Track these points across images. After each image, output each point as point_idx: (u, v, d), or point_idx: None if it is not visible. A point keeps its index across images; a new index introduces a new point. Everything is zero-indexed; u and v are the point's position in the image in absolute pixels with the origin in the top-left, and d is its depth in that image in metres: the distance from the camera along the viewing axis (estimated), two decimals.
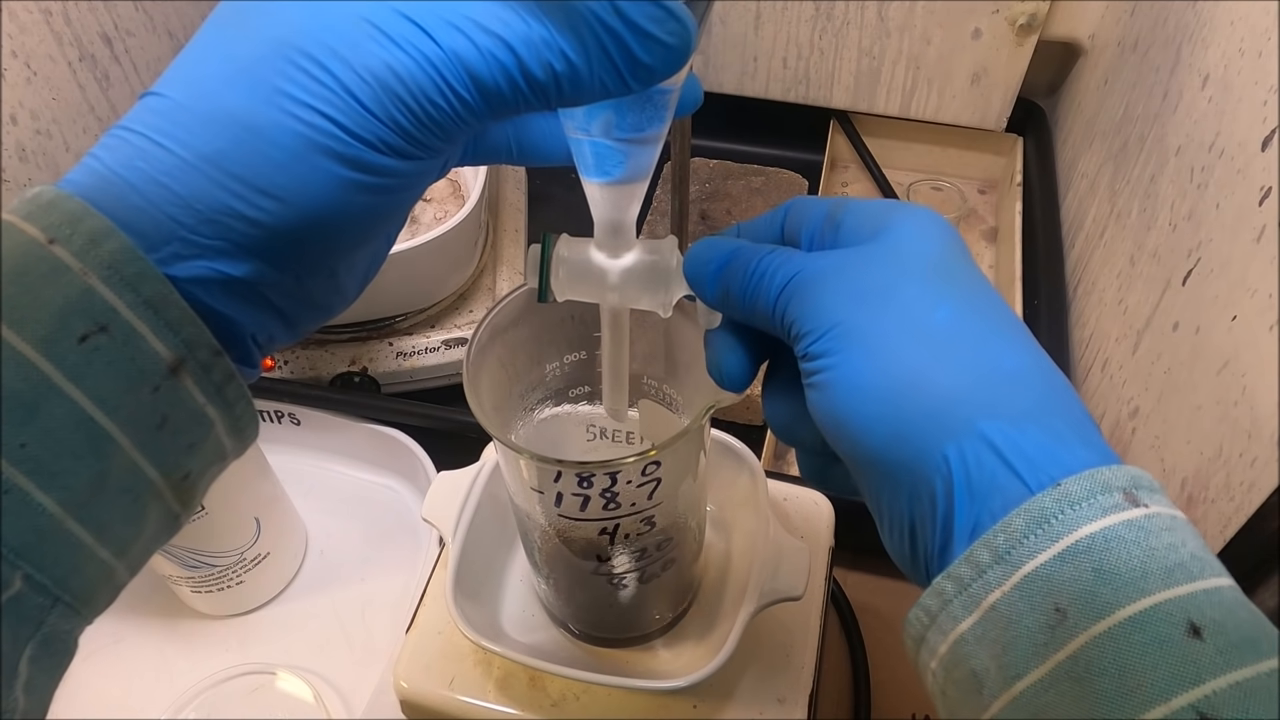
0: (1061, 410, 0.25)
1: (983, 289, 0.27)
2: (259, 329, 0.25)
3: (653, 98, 0.25)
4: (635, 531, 0.37)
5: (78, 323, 0.21)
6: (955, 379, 0.25)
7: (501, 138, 0.30)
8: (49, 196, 0.22)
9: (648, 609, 0.44)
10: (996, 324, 0.26)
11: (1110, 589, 0.21)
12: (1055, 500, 0.23)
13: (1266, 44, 0.42)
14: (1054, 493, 0.23)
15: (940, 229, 0.28)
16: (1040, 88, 0.85)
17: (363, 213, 0.24)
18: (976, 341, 0.26)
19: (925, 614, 0.25)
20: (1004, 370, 0.25)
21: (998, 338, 0.26)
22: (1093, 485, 0.23)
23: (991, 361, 0.25)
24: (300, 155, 0.22)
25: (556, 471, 0.34)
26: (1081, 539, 0.22)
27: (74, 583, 0.23)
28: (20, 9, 0.58)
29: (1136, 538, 0.22)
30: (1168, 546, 0.22)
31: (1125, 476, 0.23)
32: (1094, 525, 0.22)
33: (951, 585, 0.24)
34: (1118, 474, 0.23)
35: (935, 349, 0.25)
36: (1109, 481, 0.23)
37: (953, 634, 0.24)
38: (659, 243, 0.31)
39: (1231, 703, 0.20)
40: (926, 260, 0.27)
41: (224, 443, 0.25)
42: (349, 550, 0.65)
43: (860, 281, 0.27)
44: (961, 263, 0.28)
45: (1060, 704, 0.22)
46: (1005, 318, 0.27)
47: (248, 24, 0.23)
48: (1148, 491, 0.23)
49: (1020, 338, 0.26)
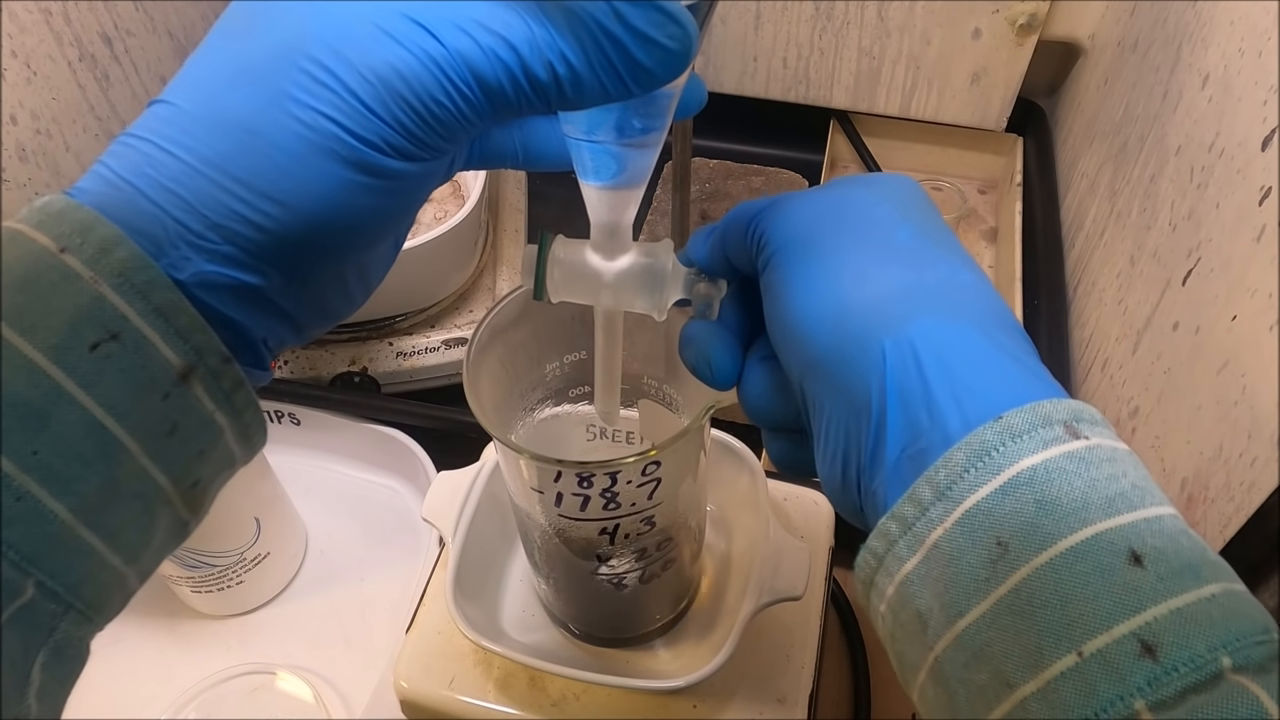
0: (1007, 327, 0.25)
1: (948, 232, 0.28)
2: (268, 333, 0.25)
3: (653, 101, 0.25)
4: (635, 531, 0.37)
5: (89, 331, 0.21)
6: (904, 280, 0.26)
7: (506, 142, 0.30)
8: (59, 205, 0.22)
9: (648, 609, 0.44)
10: (956, 253, 0.27)
11: (1051, 520, 0.21)
12: (996, 433, 0.23)
13: (1266, 44, 0.42)
14: (995, 426, 0.23)
15: (911, 186, 0.29)
16: (1040, 88, 0.85)
17: (368, 215, 0.24)
18: (934, 259, 0.26)
19: (872, 556, 0.25)
20: (956, 283, 0.26)
21: (954, 259, 0.27)
22: (1034, 418, 0.23)
23: (945, 274, 0.26)
24: (304, 159, 0.22)
25: (556, 471, 0.34)
26: (1023, 471, 0.22)
27: (85, 589, 0.23)
28: (20, 9, 0.58)
29: (1078, 469, 0.22)
30: (1109, 477, 0.22)
31: (1066, 410, 0.23)
32: (1035, 458, 0.22)
33: (896, 525, 0.24)
34: (1059, 407, 0.23)
35: (890, 256, 0.26)
36: (1050, 414, 0.23)
37: (898, 575, 0.24)
38: (655, 245, 0.31)
39: (1172, 629, 0.20)
40: (898, 195, 0.28)
41: (233, 449, 0.25)
42: (349, 550, 0.65)
43: (829, 200, 0.28)
44: (930, 211, 0.29)
45: (1003, 639, 0.21)
46: (965, 254, 0.28)
47: (252, 29, 0.23)
48: (1089, 424, 0.23)
49: (977, 269, 0.27)
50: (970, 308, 0.25)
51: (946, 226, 0.29)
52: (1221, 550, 0.36)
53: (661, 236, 0.31)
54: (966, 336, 0.25)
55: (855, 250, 0.26)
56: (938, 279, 0.26)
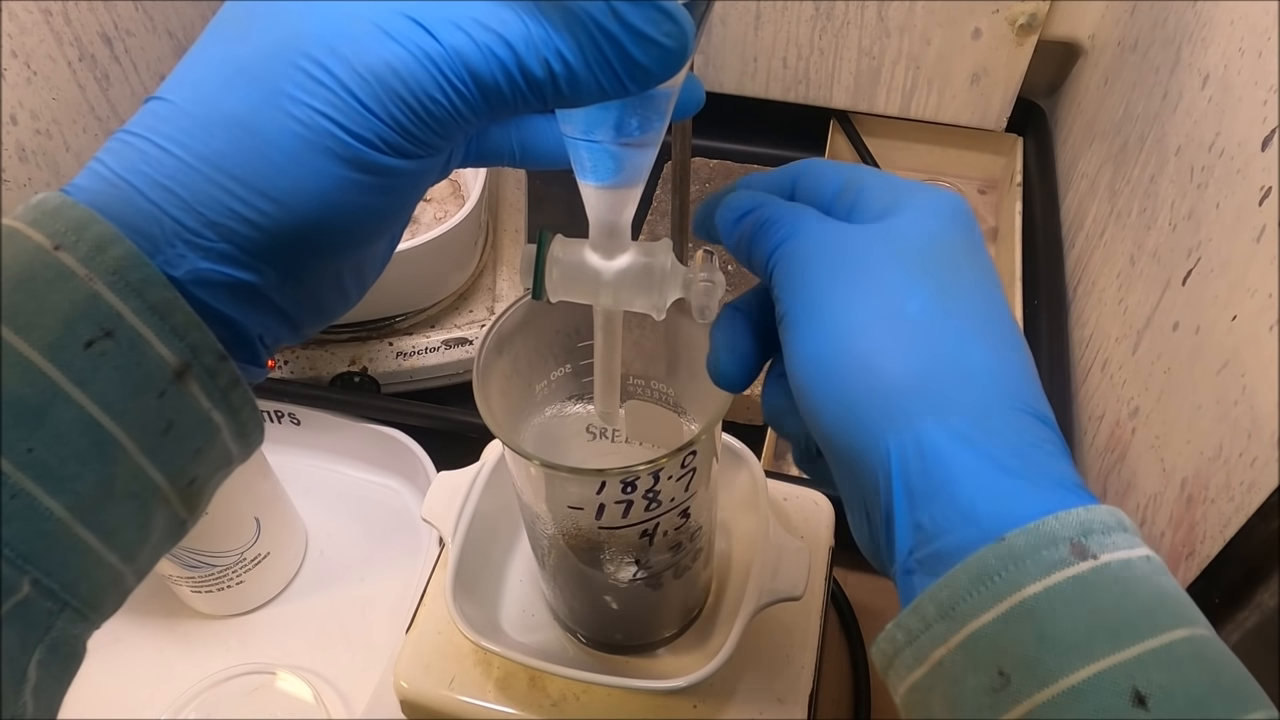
0: (1022, 413, 0.24)
1: (973, 282, 0.27)
2: (265, 331, 0.25)
3: (650, 100, 0.25)
4: (673, 527, 0.37)
5: (84, 328, 0.21)
6: (907, 368, 0.25)
7: (504, 139, 0.30)
8: (54, 203, 0.22)
9: (667, 613, 0.44)
10: (971, 319, 0.26)
11: (1053, 655, 0.21)
12: (998, 557, 0.22)
13: (1266, 44, 0.42)
14: (997, 549, 0.22)
15: (949, 214, 0.28)
16: (1040, 88, 0.85)
17: (364, 213, 0.24)
18: (941, 334, 0.25)
19: (882, 656, 0.25)
20: (966, 367, 0.25)
21: (967, 334, 0.25)
22: (1037, 539, 0.22)
23: (951, 356, 0.25)
24: (299, 156, 0.22)
25: (600, 482, 0.34)
26: (1025, 599, 0.22)
27: (82, 587, 0.23)
28: (20, 9, 0.58)
29: (1082, 596, 0.21)
30: (1116, 602, 0.21)
31: (1074, 525, 0.22)
32: (1037, 585, 0.22)
33: (901, 635, 0.24)
34: (1066, 522, 0.22)
35: (897, 335, 0.25)
36: (1055, 533, 0.22)
37: (906, 681, 0.24)
38: (654, 245, 0.31)
39: None
40: (919, 246, 0.27)
41: (230, 448, 0.25)
42: (349, 550, 0.65)
43: (845, 259, 0.27)
44: (961, 252, 0.27)
45: None
46: (986, 314, 0.26)
47: (248, 27, 0.23)
48: (1100, 536, 0.22)
49: (996, 336, 0.26)
50: (979, 399, 0.24)
51: (979, 263, 0.27)
52: (1221, 550, 0.36)
53: (661, 236, 0.31)
54: (971, 441, 0.24)
55: (864, 330, 0.25)
56: (946, 363, 0.25)
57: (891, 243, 0.27)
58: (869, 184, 0.29)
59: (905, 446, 0.24)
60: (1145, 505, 0.45)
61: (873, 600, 0.58)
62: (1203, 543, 0.37)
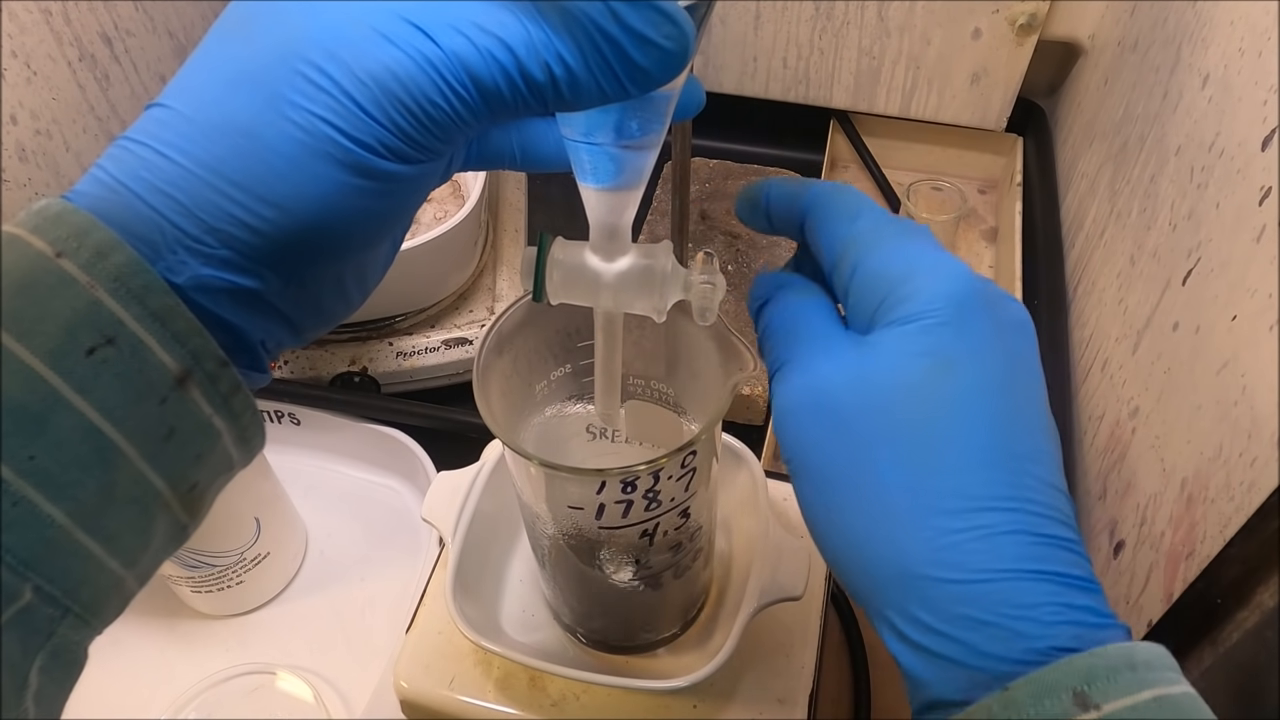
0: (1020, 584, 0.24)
1: (969, 408, 0.25)
2: (266, 336, 0.25)
3: (651, 102, 0.25)
4: (673, 526, 0.37)
5: (85, 335, 0.21)
6: (887, 555, 0.25)
7: (504, 143, 0.30)
8: (56, 209, 0.22)
9: (668, 613, 0.44)
10: (948, 482, 0.25)
11: None
12: (1002, 705, 0.22)
13: (1266, 44, 0.42)
14: (1001, 697, 0.22)
15: (944, 320, 0.26)
16: (1040, 88, 0.85)
17: (365, 218, 0.24)
18: (914, 514, 0.25)
19: None
20: (949, 550, 0.24)
21: (941, 511, 0.25)
22: (1039, 689, 0.22)
23: (930, 540, 0.25)
24: (300, 162, 0.22)
25: (600, 482, 0.34)
26: None
27: (83, 593, 0.23)
28: (20, 9, 0.58)
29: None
30: None
31: (1079, 672, 0.22)
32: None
33: None
34: (1071, 670, 0.22)
35: (874, 515, 0.25)
36: (1058, 682, 0.22)
37: None
38: (654, 246, 0.31)
39: None
40: (896, 396, 0.26)
41: (231, 453, 0.25)
42: (349, 550, 0.65)
43: (824, 415, 0.27)
44: (945, 387, 0.25)
45: None
46: (966, 467, 0.25)
47: (249, 32, 0.23)
48: (1104, 683, 0.22)
49: (987, 474, 0.25)
50: (974, 564, 0.24)
51: (983, 373, 0.26)
52: (1221, 550, 0.36)
53: (661, 237, 0.31)
54: (959, 603, 0.24)
55: (847, 494, 0.26)
56: (924, 550, 0.25)
57: (867, 393, 0.26)
58: (863, 265, 0.28)
59: (901, 622, 0.25)
60: (1145, 505, 0.45)
61: None
62: (1203, 543, 0.37)
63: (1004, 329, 0.26)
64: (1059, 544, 0.24)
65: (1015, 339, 0.27)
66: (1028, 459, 0.25)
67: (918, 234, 0.28)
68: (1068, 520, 0.25)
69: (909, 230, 0.29)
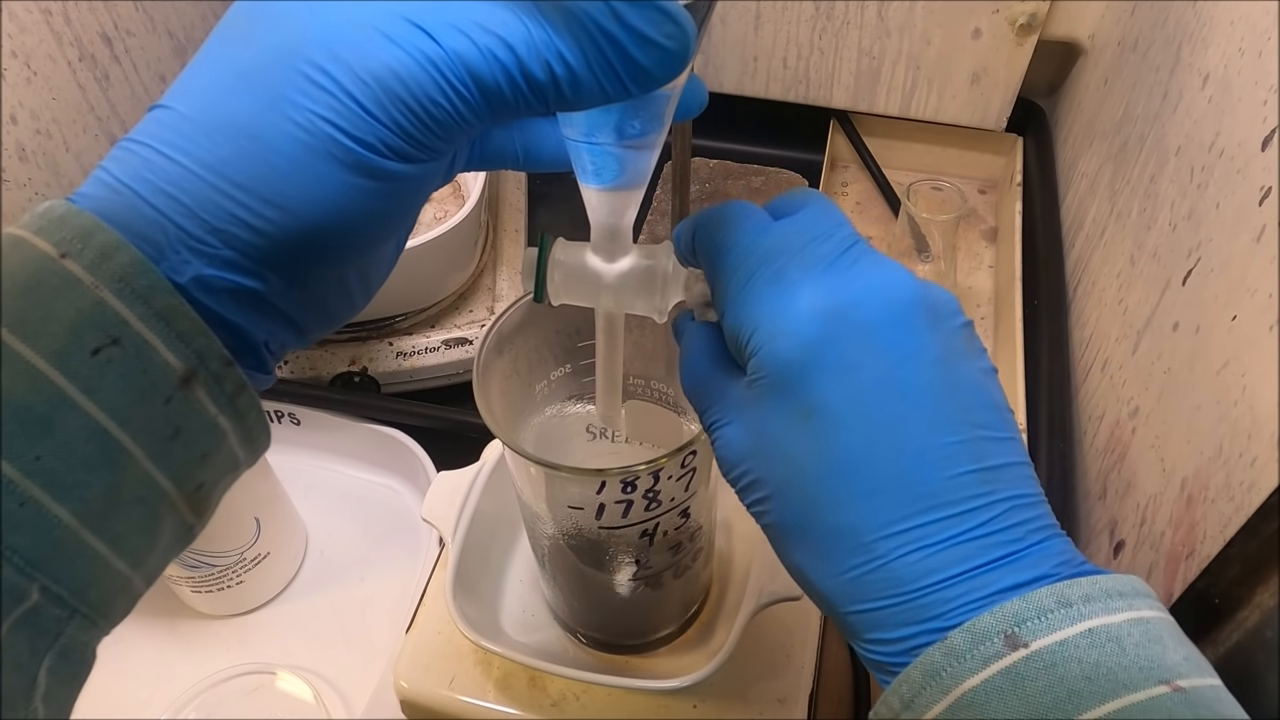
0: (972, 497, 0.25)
1: (831, 448, 0.25)
2: (270, 337, 0.25)
3: (652, 102, 0.25)
4: (673, 526, 0.37)
5: (90, 336, 0.21)
6: (823, 588, 0.26)
7: (506, 143, 0.30)
8: (60, 211, 0.22)
9: (668, 612, 0.44)
10: (844, 510, 0.25)
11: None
12: (943, 654, 0.24)
13: (1266, 44, 0.42)
14: (941, 646, 0.24)
15: (902, 312, 0.26)
16: (1040, 88, 0.85)
17: (368, 218, 0.24)
18: (826, 550, 0.26)
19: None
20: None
21: (838, 535, 0.25)
22: (974, 636, 0.23)
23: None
24: (303, 162, 0.22)
25: (600, 482, 0.34)
26: (966, 693, 0.23)
27: (91, 594, 0.23)
28: (20, 9, 0.58)
29: (1013, 686, 0.23)
30: (1044, 689, 0.22)
31: (1009, 615, 0.23)
32: (975, 679, 0.23)
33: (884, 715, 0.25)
34: (1000, 616, 0.23)
35: (808, 551, 0.26)
36: (989, 628, 0.23)
37: None
38: (655, 247, 0.31)
39: None
40: (779, 440, 0.26)
41: (236, 453, 0.25)
42: (349, 550, 0.65)
43: (751, 465, 0.27)
44: (819, 416, 0.25)
45: None
46: (862, 489, 0.25)
47: (251, 33, 0.23)
48: (1034, 621, 0.23)
49: (872, 503, 0.25)
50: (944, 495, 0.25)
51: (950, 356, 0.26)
52: (1221, 550, 0.36)
53: (662, 237, 0.31)
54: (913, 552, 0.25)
55: (793, 550, 0.27)
56: (841, 584, 0.26)
57: (760, 445, 0.27)
58: (725, 319, 0.28)
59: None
60: (1145, 505, 0.45)
61: None
62: (1203, 543, 0.37)
63: (864, 338, 0.26)
64: (972, 533, 0.25)
65: (883, 336, 0.26)
66: (926, 463, 0.25)
67: (763, 273, 0.27)
68: (1003, 497, 0.25)
69: (754, 275, 0.27)
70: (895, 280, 0.26)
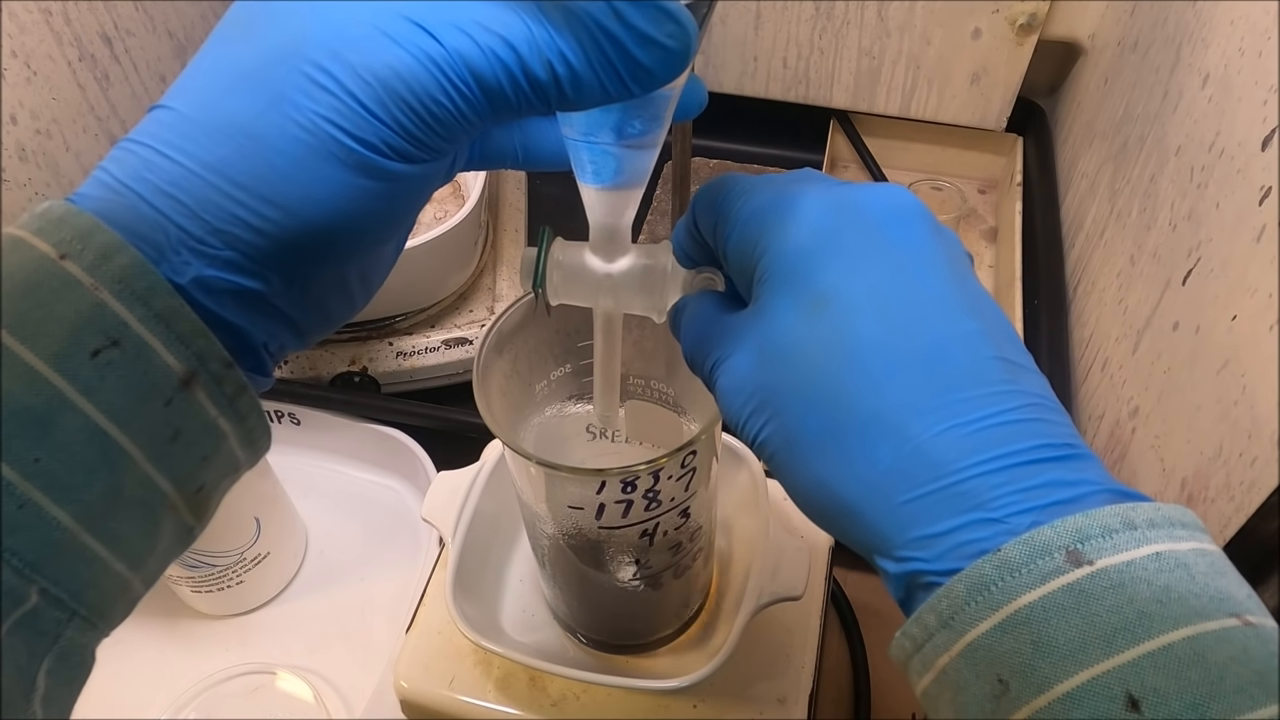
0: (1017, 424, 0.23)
1: (852, 332, 0.25)
2: (270, 338, 0.25)
3: (652, 102, 0.25)
4: (673, 526, 0.37)
5: (90, 337, 0.21)
6: (860, 491, 0.24)
7: (506, 142, 0.30)
8: (59, 212, 0.22)
9: (669, 612, 0.44)
10: (870, 396, 0.24)
11: (1048, 663, 0.21)
12: (995, 567, 0.22)
13: (1266, 44, 0.42)
14: (994, 559, 0.22)
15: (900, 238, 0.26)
16: (1040, 88, 0.85)
17: (369, 218, 0.24)
18: (857, 441, 0.24)
19: (897, 661, 0.25)
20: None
21: (869, 421, 0.24)
22: (1031, 550, 0.22)
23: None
24: (304, 162, 0.22)
25: (600, 482, 0.34)
26: (1020, 609, 0.21)
27: (90, 596, 0.23)
28: (20, 9, 0.58)
29: (1076, 604, 0.21)
30: (1112, 608, 0.21)
31: (1071, 532, 0.22)
32: (1032, 594, 0.21)
33: (909, 643, 0.24)
34: (1062, 530, 0.22)
35: (832, 458, 0.24)
36: (1050, 542, 0.22)
37: (919, 686, 0.24)
38: (654, 247, 0.31)
39: None
40: (794, 336, 0.25)
41: (237, 454, 0.25)
42: (349, 550, 0.65)
43: (762, 390, 0.26)
44: (835, 304, 0.25)
45: None
46: (885, 369, 0.24)
47: (252, 32, 0.23)
48: (1099, 540, 0.22)
49: (905, 378, 0.24)
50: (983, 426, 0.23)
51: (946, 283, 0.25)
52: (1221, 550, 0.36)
53: (661, 237, 0.31)
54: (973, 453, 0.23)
55: (817, 467, 0.25)
56: (879, 478, 0.24)
57: (773, 358, 0.26)
58: (729, 239, 0.28)
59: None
60: None
61: (873, 600, 0.58)
62: None
63: (871, 231, 0.26)
64: (1004, 417, 0.23)
65: (891, 231, 0.26)
66: (948, 344, 0.24)
67: (766, 190, 0.28)
68: (1027, 391, 0.24)
69: (756, 188, 0.28)
70: (901, 191, 0.27)
